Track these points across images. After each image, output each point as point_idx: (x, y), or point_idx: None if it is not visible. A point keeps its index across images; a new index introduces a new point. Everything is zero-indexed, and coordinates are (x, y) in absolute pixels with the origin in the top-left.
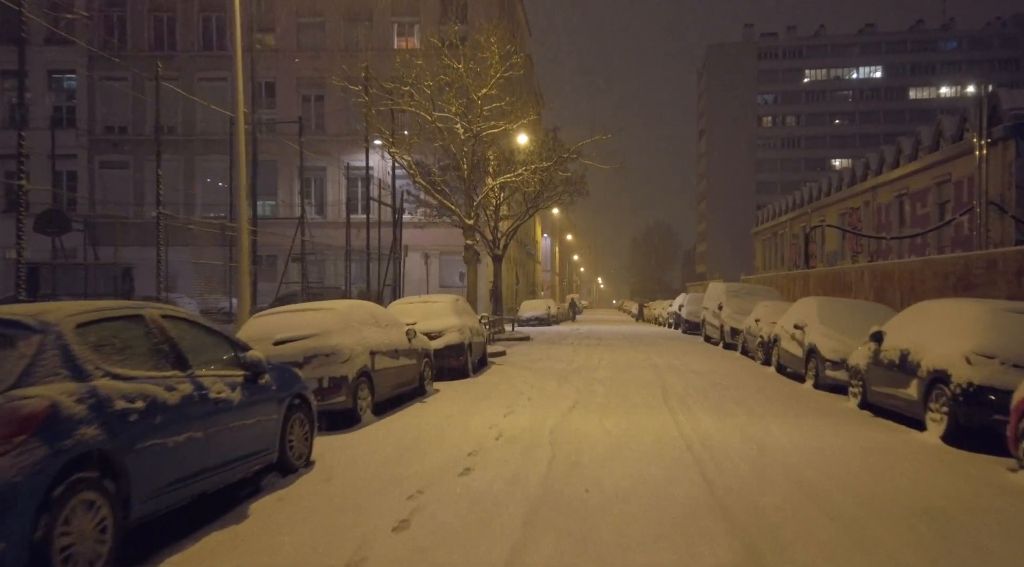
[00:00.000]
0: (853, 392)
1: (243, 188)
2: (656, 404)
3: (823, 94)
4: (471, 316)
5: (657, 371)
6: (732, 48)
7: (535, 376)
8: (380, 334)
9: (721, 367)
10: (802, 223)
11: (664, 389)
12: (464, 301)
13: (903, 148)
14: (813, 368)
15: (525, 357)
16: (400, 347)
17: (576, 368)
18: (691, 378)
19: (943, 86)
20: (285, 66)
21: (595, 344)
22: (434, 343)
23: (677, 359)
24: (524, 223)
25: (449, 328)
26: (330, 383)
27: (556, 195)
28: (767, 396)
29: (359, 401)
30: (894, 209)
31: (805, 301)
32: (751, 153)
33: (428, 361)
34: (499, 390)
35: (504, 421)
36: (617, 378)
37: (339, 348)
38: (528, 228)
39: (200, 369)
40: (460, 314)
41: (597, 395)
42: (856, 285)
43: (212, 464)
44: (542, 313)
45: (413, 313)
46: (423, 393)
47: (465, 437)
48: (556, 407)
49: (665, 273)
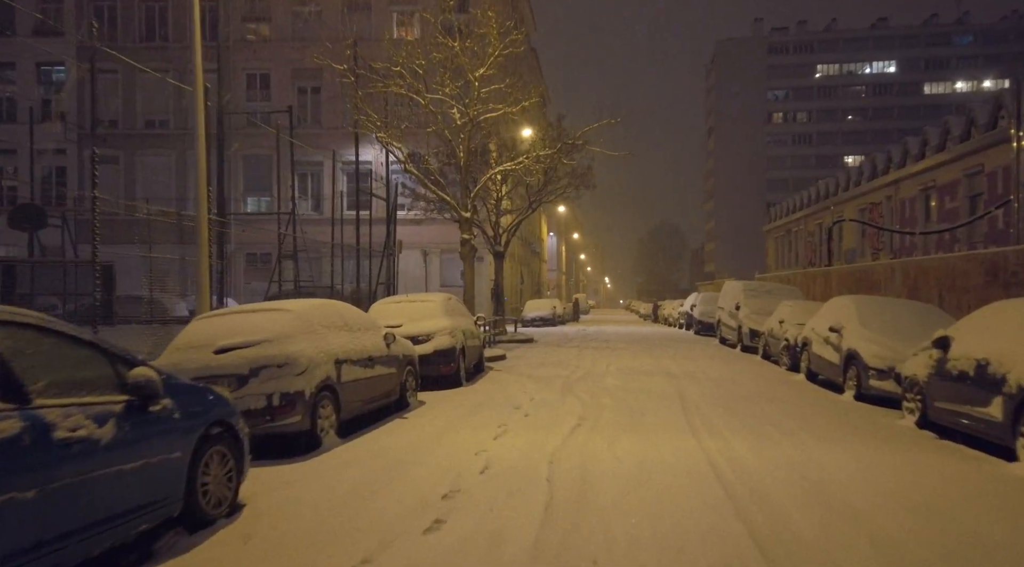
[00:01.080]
0: (908, 407)
1: (201, 170)
2: (676, 422)
3: (835, 89)
4: (465, 317)
5: (672, 379)
6: (741, 43)
7: (536, 385)
8: (350, 339)
9: (743, 374)
10: (818, 220)
11: (683, 401)
12: (457, 300)
13: (929, 138)
14: (853, 377)
15: (526, 362)
16: (376, 354)
17: (582, 375)
18: (711, 388)
19: (958, 81)
20: (280, 57)
21: (602, 347)
22: (421, 348)
23: (693, 364)
24: (527, 218)
25: (439, 331)
26: (282, 400)
27: (561, 188)
28: (804, 411)
29: (319, 421)
30: (919, 203)
31: (839, 300)
32: (761, 150)
33: (412, 369)
34: (494, 402)
35: (495, 445)
36: (628, 388)
37: (295, 357)
38: (533, 226)
39: (50, 397)
40: (452, 315)
41: (606, 410)
42: (886, 283)
43: (61, 531)
44: (547, 313)
45: (398, 314)
46: (404, 406)
47: (444, 469)
48: (557, 426)
49: (672, 272)
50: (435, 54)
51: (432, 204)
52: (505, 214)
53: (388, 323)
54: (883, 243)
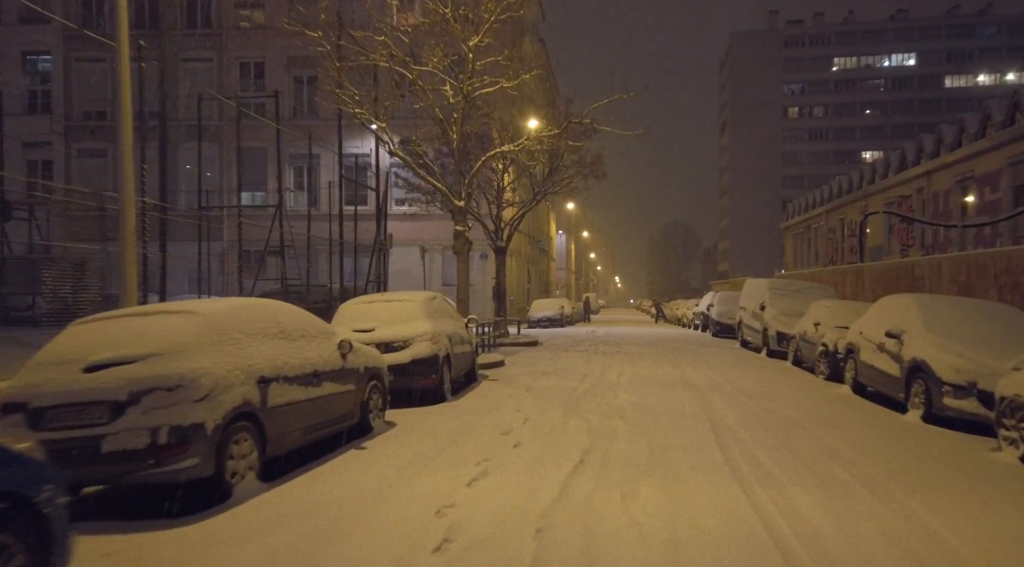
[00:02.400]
0: (1008, 437)
1: (126, 139)
2: (710, 459)
3: (853, 83)
4: (452, 319)
5: (697, 392)
6: (756, 36)
7: (534, 400)
8: (286, 350)
9: (778, 386)
10: (840, 215)
11: (715, 427)
12: (444, 300)
13: (967, 125)
14: (920, 393)
15: (527, 369)
16: (324, 368)
17: (589, 387)
18: (746, 405)
19: (981, 74)
20: (275, 44)
21: (613, 351)
22: (396, 357)
23: (717, 373)
24: (531, 211)
25: (418, 336)
26: (172, 437)
27: (568, 178)
28: (871, 441)
29: (230, 463)
30: (954, 196)
31: (895, 300)
32: (776, 146)
33: (378, 384)
34: (479, 425)
35: (467, 497)
36: (644, 405)
37: (193, 376)
38: (541, 223)
39: None
40: (435, 317)
41: (618, 438)
42: (930, 280)
43: None
44: (554, 313)
45: (370, 316)
46: (366, 432)
47: (387, 540)
48: (555, 463)
49: (684, 272)
50: (424, 20)
51: (429, 196)
52: (508, 207)
53: (357, 327)
54: (913, 239)
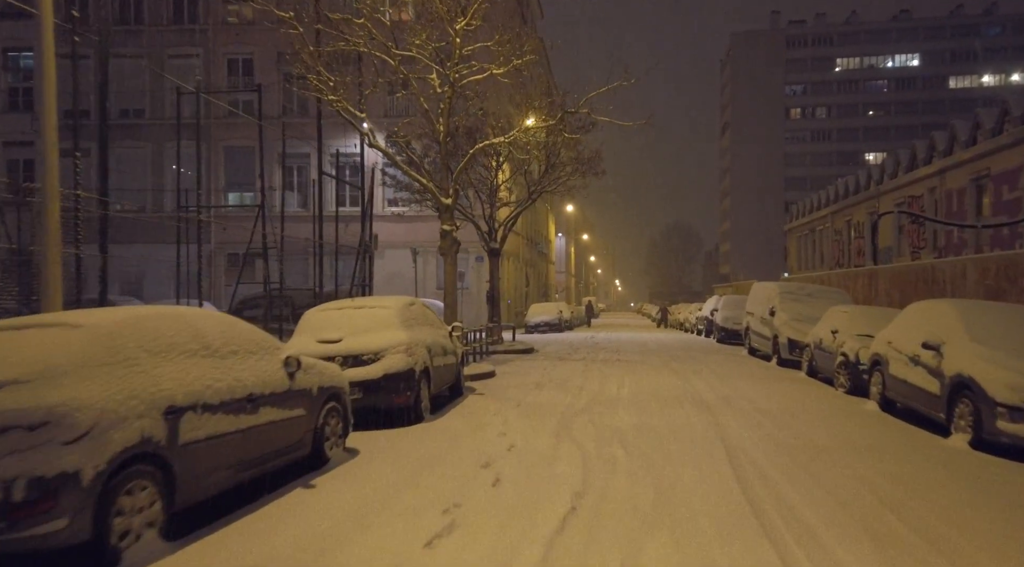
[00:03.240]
0: None
1: (50, 128)
2: (732, 505)
3: (856, 84)
4: (433, 327)
5: (706, 410)
6: (758, 36)
7: (523, 420)
8: (207, 371)
9: (795, 401)
10: (846, 216)
11: (732, 456)
12: (423, 306)
13: (983, 121)
14: (967, 415)
15: (519, 380)
16: (262, 390)
17: (586, 403)
18: (764, 426)
19: (986, 74)
20: (264, 40)
21: (613, 359)
22: (365, 371)
23: (726, 385)
24: (526, 210)
25: (391, 347)
26: (32, 492)
27: (566, 175)
28: (923, 478)
29: (118, 521)
30: (969, 194)
31: (930, 306)
32: (778, 147)
33: (337, 406)
34: (456, 454)
35: (423, 562)
36: (648, 427)
37: (64, 411)
38: (540, 225)
39: None
40: (412, 325)
41: (617, 472)
42: (955, 283)
43: None
44: (552, 318)
45: (337, 325)
46: (321, 464)
47: None
48: (540, 513)
49: (685, 275)
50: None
51: (418, 195)
52: (502, 206)
53: (323, 337)
54: (925, 240)
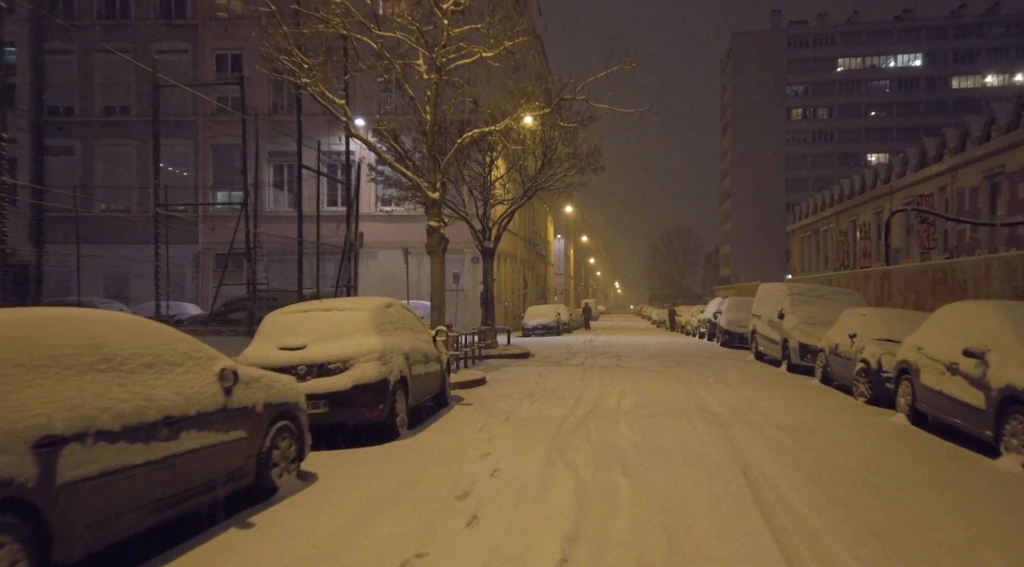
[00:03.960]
0: None
1: None
2: (763, 558)
3: (857, 84)
4: (414, 332)
5: (718, 425)
6: (759, 36)
7: (511, 437)
8: (106, 389)
9: (814, 414)
10: (852, 216)
11: (753, 486)
12: (403, 308)
13: (997, 116)
14: (1021, 433)
15: (511, 388)
16: (185, 411)
17: (583, 417)
18: (785, 445)
19: (988, 74)
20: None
21: (613, 365)
22: (331, 382)
23: (736, 394)
24: (522, 208)
25: (361, 355)
26: None
27: (563, 171)
28: (986, 513)
29: None
30: (983, 193)
31: (967, 309)
32: (780, 148)
33: (290, 425)
34: (431, 480)
35: None
36: (654, 447)
37: None
38: (539, 226)
39: None
40: (388, 330)
41: (620, 510)
42: (977, 284)
43: None
44: (550, 321)
45: (302, 330)
46: (266, 495)
47: None
48: (521, 562)
49: (685, 277)
50: None
51: (407, 191)
52: (497, 204)
53: (285, 344)
54: (935, 240)
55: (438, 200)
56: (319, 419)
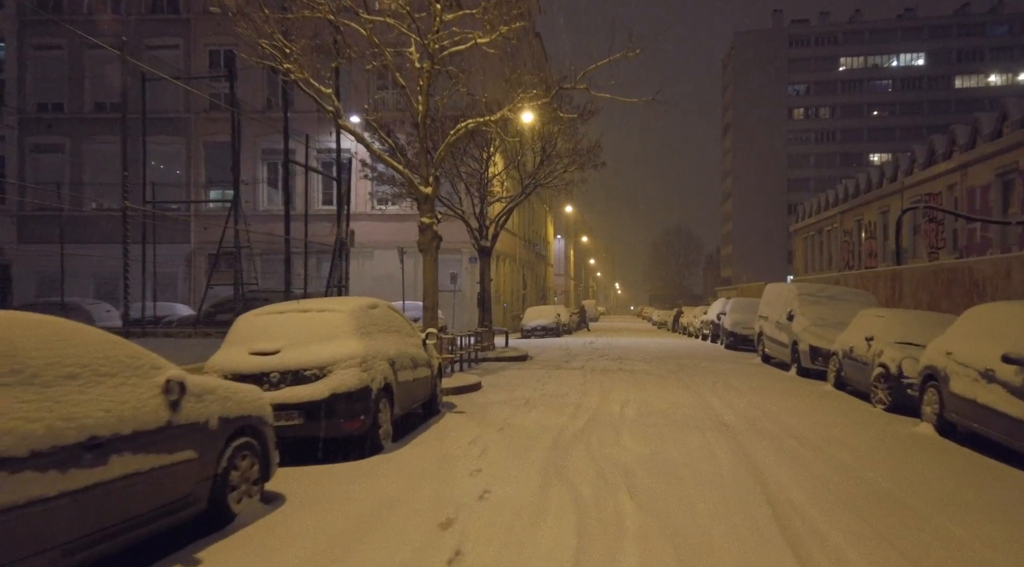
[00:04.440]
0: None
1: None
2: None
3: (860, 84)
4: (401, 335)
5: (731, 436)
6: (760, 35)
7: (505, 448)
8: (7, 407)
9: (832, 423)
10: (857, 216)
11: (777, 511)
12: (389, 309)
13: (1009, 112)
14: None
15: (507, 394)
16: (117, 430)
17: (584, 426)
18: (806, 460)
19: (992, 74)
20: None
21: (614, 368)
22: (307, 391)
23: (747, 401)
24: (520, 206)
25: (341, 361)
26: None
27: (563, 167)
28: None
29: None
30: (994, 190)
31: (1003, 310)
32: (781, 148)
33: (252, 443)
34: (411, 504)
35: None
36: (662, 462)
37: None
38: (538, 227)
39: None
40: (371, 333)
41: (625, 542)
42: (996, 284)
43: None
44: (549, 322)
45: (277, 333)
46: (222, 522)
47: None
48: None
49: (685, 278)
50: None
51: (401, 188)
52: (494, 202)
53: (257, 348)
54: (944, 240)
55: (430, 195)
56: (294, 431)
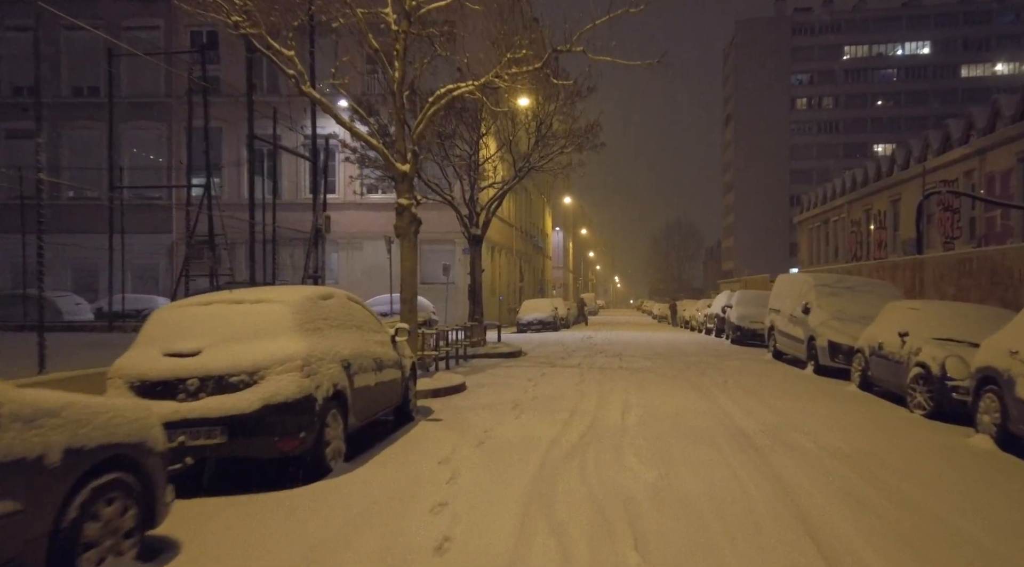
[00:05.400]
0: None
1: None
2: None
3: (864, 73)
4: (363, 331)
5: (755, 453)
6: (763, 24)
7: (480, 473)
8: None
9: (869, 433)
10: (865, 205)
11: (831, 561)
12: (348, 300)
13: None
14: None
15: (493, 397)
16: None
17: (579, 439)
18: (853, 485)
19: (999, 63)
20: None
21: (614, 366)
22: (233, 402)
23: (765, 406)
24: (514, 190)
25: (276, 363)
26: None
27: (559, 147)
28: None
29: None
30: (1016, 175)
31: None
32: (784, 139)
33: (126, 479)
34: (339, 560)
35: None
36: (674, 491)
37: None
38: (536, 218)
39: None
40: (320, 329)
41: None
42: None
43: None
44: (546, 316)
45: (200, 329)
46: None
47: None
48: None
49: (686, 271)
50: None
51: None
52: (487, 187)
53: (173, 349)
54: (960, 229)
55: (408, 173)
56: (216, 452)
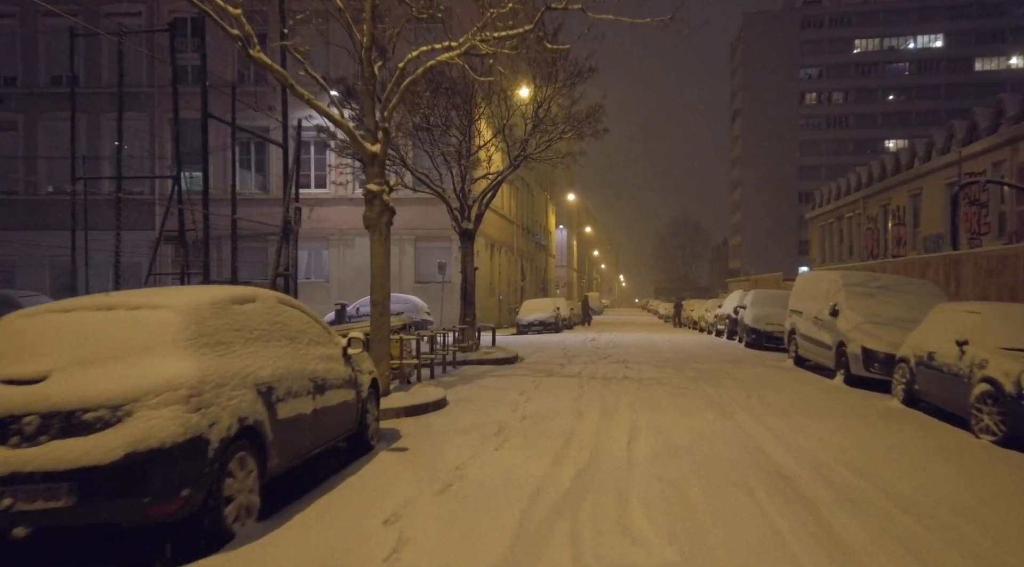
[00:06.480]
0: None
1: None
2: None
3: (875, 67)
4: (298, 344)
5: (803, 507)
6: (771, 17)
7: (434, 539)
8: None
9: (937, 470)
10: (882, 200)
11: None
12: (277, 304)
13: None
14: None
15: (475, 417)
16: None
17: (571, 485)
18: (951, 563)
19: (1014, 56)
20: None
21: (618, 376)
22: (83, 449)
23: (802, 431)
24: (506, 179)
25: (149, 393)
26: None
27: (557, 134)
28: None
29: None
30: None
31: None
32: (793, 134)
33: None
34: None
35: None
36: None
37: None
38: (539, 215)
39: None
40: (224, 343)
41: None
42: None
43: None
44: (547, 316)
45: (51, 345)
46: None
47: None
48: None
49: (692, 270)
50: None
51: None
52: (479, 179)
53: (10, 373)
54: (988, 225)
55: (379, 155)
56: (61, 518)
